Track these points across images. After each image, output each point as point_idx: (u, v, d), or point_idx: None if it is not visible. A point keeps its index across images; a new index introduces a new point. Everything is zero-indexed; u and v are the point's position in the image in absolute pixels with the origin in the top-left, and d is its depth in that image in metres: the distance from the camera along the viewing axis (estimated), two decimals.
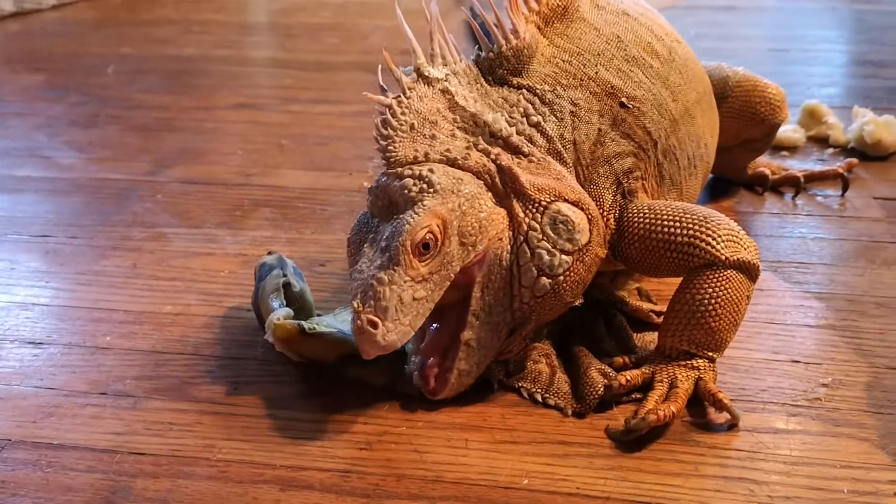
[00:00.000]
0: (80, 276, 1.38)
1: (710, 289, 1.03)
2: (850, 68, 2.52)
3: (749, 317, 1.11)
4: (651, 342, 1.12)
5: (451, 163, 1.03)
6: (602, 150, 1.12)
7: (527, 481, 0.93)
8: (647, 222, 1.08)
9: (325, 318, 1.14)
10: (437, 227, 0.98)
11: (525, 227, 1.02)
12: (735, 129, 1.51)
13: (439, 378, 1.03)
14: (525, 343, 1.07)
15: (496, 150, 1.05)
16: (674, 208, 1.09)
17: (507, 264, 1.01)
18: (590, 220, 1.04)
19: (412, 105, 1.04)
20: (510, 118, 1.08)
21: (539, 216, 1.02)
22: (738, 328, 1.07)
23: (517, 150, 1.05)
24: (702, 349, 1.05)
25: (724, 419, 1.01)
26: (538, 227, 1.02)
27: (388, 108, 1.03)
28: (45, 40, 2.89)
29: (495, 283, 1.01)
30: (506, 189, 1.03)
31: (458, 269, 0.99)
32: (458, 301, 1.01)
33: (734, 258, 1.04)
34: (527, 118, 1.08)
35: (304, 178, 1.72)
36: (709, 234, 1.05)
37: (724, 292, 1.03)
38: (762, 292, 1.25)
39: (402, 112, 1.03)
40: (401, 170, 1.02)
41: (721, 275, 1.04)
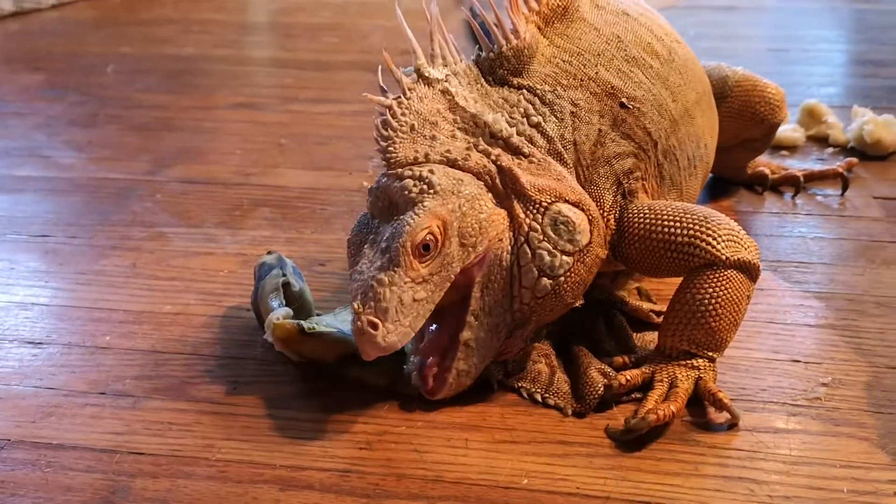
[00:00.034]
0: (80, 275, 1.38)
1: (711, 288, 1.03)
2: (850, 68, 2.52)
3: (749, 316, 1.11)
4: (651, 342, 1.12)
5: (452, 164, 1.03)
6: (602, 151, 1.12)
7: (526, 481, 0.93)
8: (648, 222, 1.08)
9: (325, 318, 1.14)
10: (438, 228, 0.98)
11: (526, 228, 1.01)
12: (734, 129, 1.51)
13: (437, 378, 1.03)
14: (524, 344, 1.07)
15: (496, 150, 1.04)
16: (674, 208, 1.08)
17: (508, 265, 1.01)
18: (590, 221, 1.04)
19: (412, 106, 1.04)
20: (510, 119, 1.08)
21: (540, 217, 1.02)
22: (739, 328, 1.06)
23: (518, 151, 1.05)
24: (702, 349, 1.05)
25: (724, 419, 1.01)
26: (539, 227, 1.01)
27: (388, 109, 1.03)
28: (44, 40, 2.89)
29: (495, 284, 1.01)
30: (506, 190, 1.03)
31: (459, 270, 0.99)
32: (457, 302, 1.01)
33: (734, 258, 1.04)
34: (527, 119, 1.08)
35: (303, 177, 1.72)
36: (709, 233, 1.05)
37: (725, 292, 1.03)
38: (762, 292, 1.25)
39: (403, 113, 1.03)
40: (401, 171, 1.01)
41: (721, 274, 1.04)
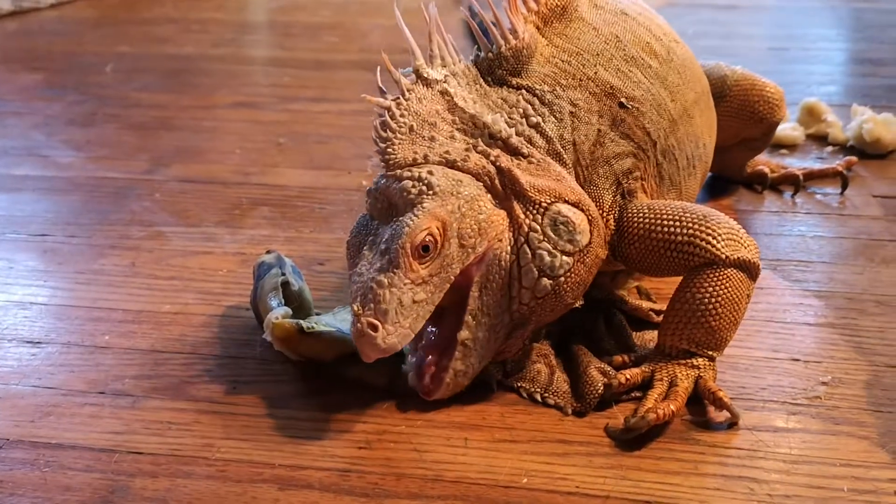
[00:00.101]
0: (79, 275, 1.38)
1: (711, 288, 1.03)
2: (849, 66, 2.52)
3: (749, 315, 1.11)
4: (651, 341, 1.12)
5: (451, 164, 1.03)
6: (601, 151, 1.12)
7: (526, 480, 0.93)
8: (647, 222, 1.08)
9: (324, 318, 1.14)
10: (437, 229, 0.98)
11: (526, 229, 1.01)
12: (734, 128, 1.51)
13: (434, 378, 1.02)
14: (523, 344, 1.07)
15: (496, 151, 1.04)
16: (673, 208, 1.08)
17: (507, 265, 1.01)
18: (590, 221, 1.04)
19: (411, 107, 1.03)
20: (509, 119, 1.07)
21: (539, 217, 1.02)
22: (738, 327, 1.06)
23: (517, 152, 1.05)
24: (702, 348, 1.05)
25: (724, 418, 1.01)
26: (539, 228, 1.01)
27: (386, 110, 1.03)
28: (43, 39, 2.89)
29: (493, 284, 1.01)
30: (505, 191, 1.02)
31: (458, 271, 0.99)
32: (456, 302, 1.01)
33: (734, 257, 1.04)
34: (526, 119, 1.08)
35: (302, 176, 1.72)
36: (709, 233, 1.05)
37: (725, 291, 1.03)
38: (762, 291, 1.25)
39: (401, 114, 1.03)
40: (400, 172, 1.01)
41: (721, 273, 1.04)
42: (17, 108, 2.19)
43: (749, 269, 1.05)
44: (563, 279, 1.01)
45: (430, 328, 1.04)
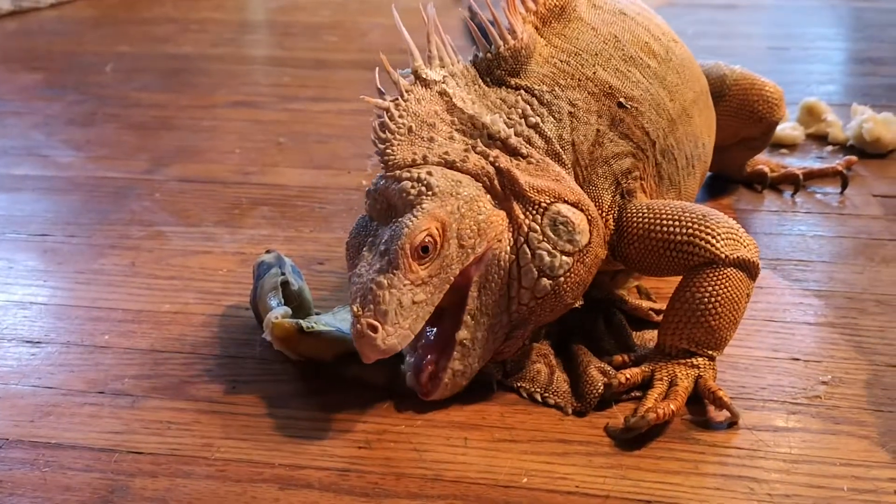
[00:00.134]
0: (79, 274, 1.38)
1: (710, 287, 1.03)
2: (849, 66, 2.52)
3: (748, 315, 1.11)
4: (650, 340, 1.12)
5: (450, 165, 1.03)
6: (601, 151, 1.12)
7: (526, 480, 0.93)
8: (647, 222, 1.08)
9: (324, 317, 1.14)
10: (437, 230, 0.97)
11: (525, 229, 1.01)
12: (733, 128, 1.51)
13: (433, 378, 1.02)
14: (523, 344, 1.07)
15: (495, 152, 1.04)
16: (672, 207, 1.08)
17: (506, 265, 1.01)
18: (590, 222, 1.04)
19: (410, 108, 1.03)
20: (508, 119, 1.07)
21: (539, 218, 1.02)
22: (738, 326, 1.06)
23: (516, 152, 1.05)
24: (702, 347, 1.05)
25: (724, 417, 1.01)
26: (538, 228, 1.01)
27: (385, 112, 1.03)
28: (42, 39, 2.89)
29: (492, 284, 1.01)
30: (505, 191, 1.02)
31: (458, 271, 0.99)
32: (455, 302, 1.01)
33: (734, 256, 1.04)
34: (525, 119, 1.08)
35: (302, 176, 1.72)
36: (708, 232, 1.05)
37: (724, 290, 1.03)
38: (761, 290, 1.25)
39: (400, 115, 1.03)
40: (399, 172, 1.01)
41: (721, 273, 1.03)
42: (17, 108, 2.19)
43: (749, 269, 1.05)
44: (562, 279, 1.01)
45: (429, 328, 1.04)
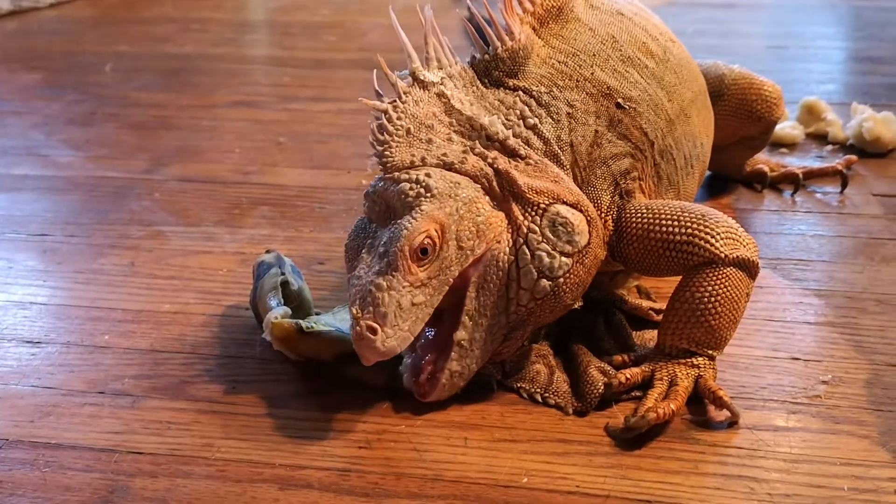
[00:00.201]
0: (78, 274, 1.38)
1: (710, 287, 1.03)
2: (849, 65, 2.52)
3: (748, 314, 1.11)
4: (650, 340, 1.12)
5: (448, 167, 1.03)
6: (599, 152, 1.11)
7: (526, 479, 0.93)
8: (646, 222, 1.08)
9: (324, 317, 1.14)
10: (436, 231, 0.97)
11: (524, 230, 1.01)
12: (732, 127, 1.50)
13: (430, 378, 1.02)
14: (521, 345, 1.07)
15: (493, 153, 1.04)
16: (671, 207, 1.08)
17: (505, 266, 1.01)
18: (589, 222, 1.03)
19: (408, 109, 1.03)
20: (507, 121, 1.07)
21: (538, 219, 1.01)
22: (738, 326, 1.06)
23: (514, 153, 1.05)
24: (702, 347, 1.05)
25: (724, 417, 1.01)
26: (538, 229, 1.01)
27: (383, 113, 1.03)
28: (42, 38, 2.89)
29: (491, 285, 1.01)
30: (503, 192, 1.02)
31: (457, 273, 0.99)
32: (454, 304, 1.01)
33: (733, 256, 1.04)
34: (523, 120, 1.08)
35: (302, 176, 1.72)
36: (707, 232, 1.05)
37: (724, 290, 1.03)
38: (761, 289, 1.25)
39: (398, 117, 1.03)
40: (397, 174, 1.01)
41: (720, 272, 1.03)
42: (17, 108, 2.19)
43: (748, 268, 1.05)
44: (562, 280, 1.01)
45: (428, 329, 1.04)
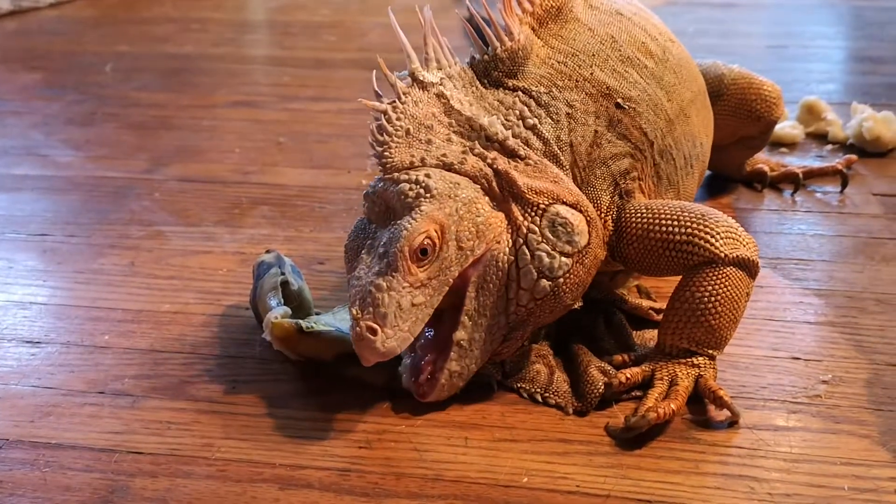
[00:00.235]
0: (78, 274, 1.38)
1: (710, 286, 1.03)
2: (849, 64, 2.52)
3: (749, 314, 1.11)
4: (650, 340, 1.12)
5: (448, 167, 1.02)
6: (598, 152, 1.11)
7: (526, 479, 0.93)
8: (645, 222, 1.08)
9: (324, 317, 1.14)
10: (435, 232, 0.97)
11: (524, 230, 1.01)
12: (731, 127, 1.50)
13: (430, 378, 1.02)
14: (521, 345, 1.07)
15: (492, 153, 1.04)
16: (671, 207, 1.08)
17: (505, 266, 1.01)
18: (588, 223, 1.03)
19: (407, 110, 1.03)
20: (506, 121, 1.07)
21: (538, 219, 1.01)
22: (738, 325, 1.06)
23: (513, 154, 1.05)
24: (702, 347, 1.05)
25: (725, 416, 1.01)
26: (537, 229, 1.01)
27: (383, 114, 1.03)
28: (42, 38, 2.89)
29: (491, 285, 1.00)
30: (503, 193, 1.02)
31: (457, 273, 0.99)
32: (454, 304, 1.01)
33: (733, 255, 1.04)
34: (523, 121, 1.08)
35: (302, 175, 1.72)
36: (707, 231, 1.05)
37: (724, 290, 1.03)
38: (761, 289, 1.25)
39: (398, 117, 1.03)
40: (397, 175, 1.01)
41: (720, 272, 1.03)
42: (17, 108, 2.19)
43: (748, 268, 1.05)
44: (562, 280, 1.01)
45: (428, 329, 1.03)
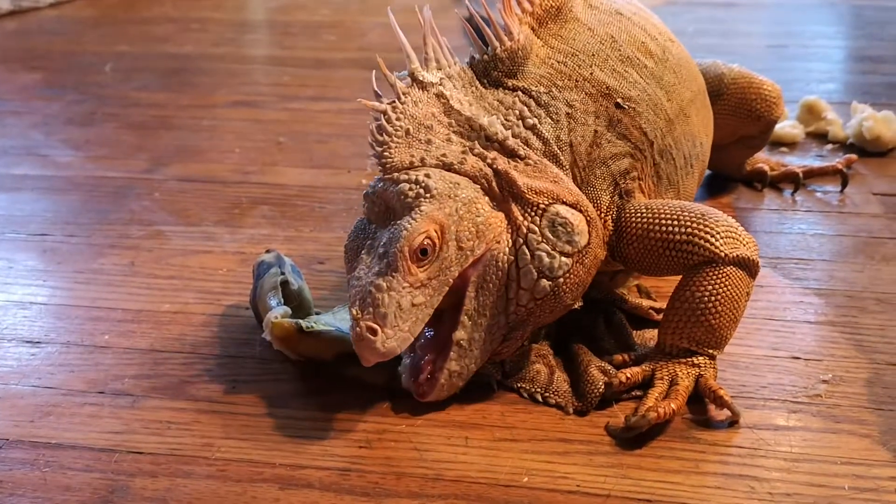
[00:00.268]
0: (78, 274, 1.38)
1: (710, 286, 1.03)
2: (849, 64, 2.52)
3: (749, 313, 1.11)
4: (651, 339, 1.12)
5: (448, 167, 1.02)
6: (598, 152, 1.11)
7: (527, 479, 0.93)
8: (645, 222, 1.08)
9: (324, 317, 1.14)
10: (435, 232, 0.97)
11: (524, 230, 1.01)
12: (731, 127, 1.50)
13: (429, 378, 1.02)
14: (521, 345, 1.07)
15: (492, 153, 1.04)
16: (671, 207, 1.08)
17: (505, 266, 1.00)
18: (588, 222, 1.03)
19: (407, 110, 1.03)
20: (506, 121, 1.07)
21: (538, 219, 1.01)
22: (738, 325, 1.06)
23: (513, 154, 1.05)
24: (702, 346, 1.05)
25: (725, 416, 1.01)
26: (537, 229, 1.01)
27: (382, 114, 1.03)
28: (42, 38, 2.89)
29: (490, 285, 1.00)
30: (503, 193, 1.02)
31: (457, 273, 0.99)
32: (454, 304, 1.01)
33: (733, 255, 1.04)
34: (522, 121, 1.08)
35: (302, 175, 1.72)
36: (707, 231, 1.05)
37: (724, 289, 1.03)
38: (762, 289, 1.25)
39: (398, 118, 1.03)
40: (397, 175, 1.01)
41: (720, 272, 1.03)
42: (16, 108, 2.19)
43: (748, 267, 1.05)
44: (562, 280, 1.01)
45: (427, 329, 1.03)
